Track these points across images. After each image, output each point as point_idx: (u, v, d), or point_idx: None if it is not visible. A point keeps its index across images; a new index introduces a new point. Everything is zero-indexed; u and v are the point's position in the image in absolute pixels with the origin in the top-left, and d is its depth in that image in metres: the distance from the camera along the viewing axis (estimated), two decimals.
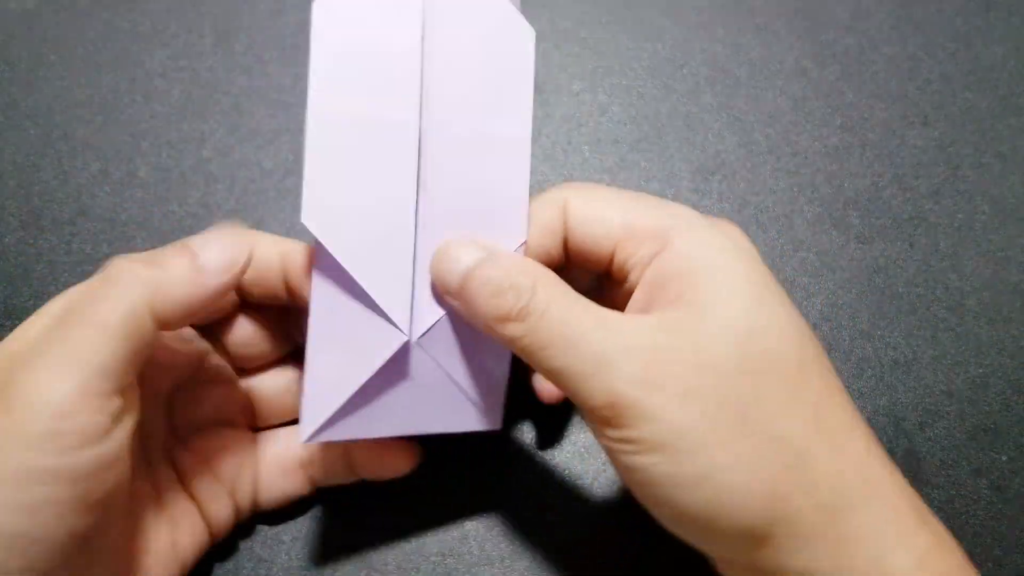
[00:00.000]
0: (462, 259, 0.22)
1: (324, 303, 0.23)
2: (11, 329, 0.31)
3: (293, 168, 0.33)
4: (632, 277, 0.23)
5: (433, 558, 0.28)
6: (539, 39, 0.37)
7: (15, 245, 0.32)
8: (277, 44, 0.36)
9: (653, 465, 0.20)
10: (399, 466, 0.27)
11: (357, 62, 0.22)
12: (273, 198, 0.33)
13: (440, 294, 0.24)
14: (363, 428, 0.24)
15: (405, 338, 0.23)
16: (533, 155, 0.34)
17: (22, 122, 0.34)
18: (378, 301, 0.23)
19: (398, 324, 0.23)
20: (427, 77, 0.23)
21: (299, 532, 0.28)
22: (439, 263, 0.23)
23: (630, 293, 0.23)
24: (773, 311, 0.21)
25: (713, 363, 0.20)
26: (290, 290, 0.25)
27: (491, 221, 0.24)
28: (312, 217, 0.22)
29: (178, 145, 0.34)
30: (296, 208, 0.34)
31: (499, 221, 0.24)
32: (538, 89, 0.35)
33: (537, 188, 0.34)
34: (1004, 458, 0.30)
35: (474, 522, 0.29)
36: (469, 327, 0.24)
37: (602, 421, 0.20)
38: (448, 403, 0.25)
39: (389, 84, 0.23)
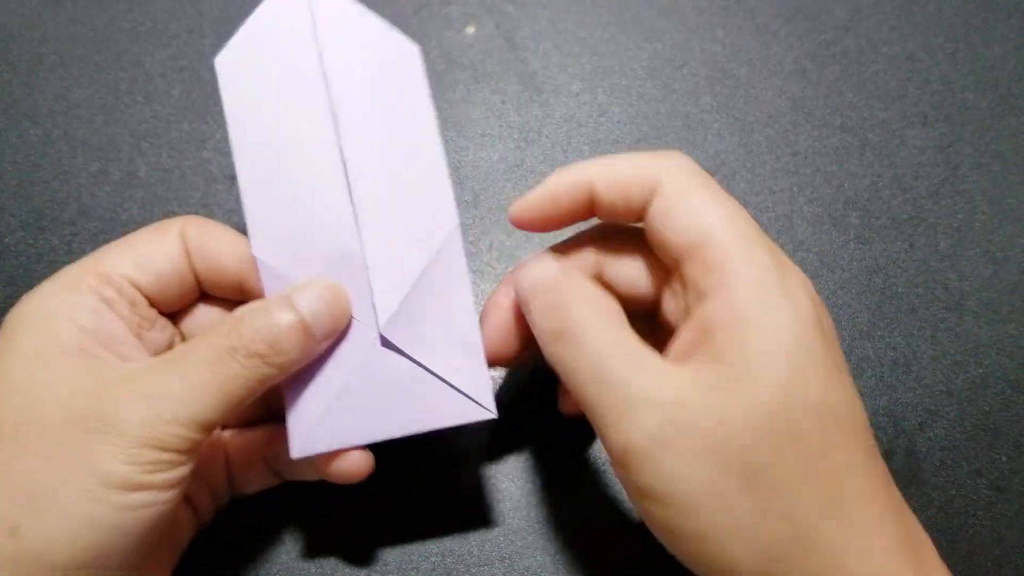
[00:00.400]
0: (532, 272, 0.24)
1: None
2: None
3: None
4: (689, 301, 0.23)
5: (433, 558, 0.28)
6: (539, 39, 0.37)
7: (16, 245, 0.32)
8: None
9: (656, 512, 0.21)
10: (352, 469, 0.25)
11: (267, 101, 0.25)
12: None
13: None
14: (354, 435, 0.24)
15: (373, 332, 0.24)
16: (534, 156, 0.34)
17: (23, 122, 0.34)
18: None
19: (362, 321, 0.24)
20: (333, 97, 0.25)
21: (300, 532, 0.28)
22: (520, 272, 0.24)
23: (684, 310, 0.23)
24: (811, 386, 0.20)
25: (735, 433, 0.20)
26: (245, 291, 0.25)
27: (422, 210, 0.25)
28: (262, 248, 0.24)
29: (178, 145, 0.34)
30: None
31: (428, 209, 0.25)
32: (537, 90, 0.36)
33: None
34: (1003, 458, 0.30)
35: (474, 522, 0.29)
36: (432, 317, 0.25)
37: (616, 461, 0.21)
38: (434, 397, 0.25)
39: (301, 110, 0.25)
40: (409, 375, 0.25)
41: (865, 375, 0.31)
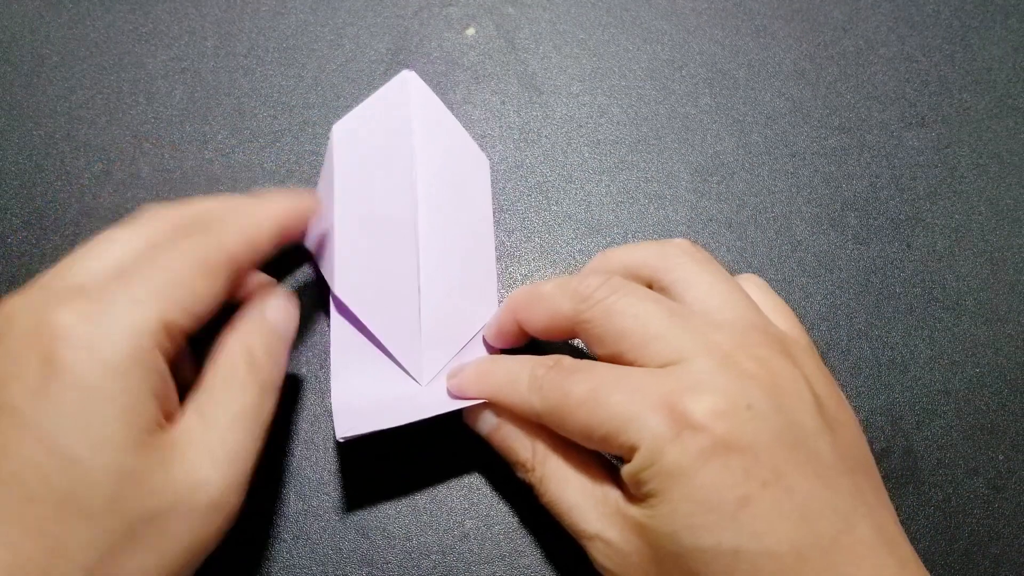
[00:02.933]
0: (486, 422, 0.27)
1: (343, 345, 0.29)
2: None
3: (295, 169, 0.34)
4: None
5: (433, 556, 0.28)
6: (539, 41, 0.37)
7: (18, 245, 0.32)
8: (279, 46, 0.36)
9: None
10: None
11: (367, 170, 0.30)
12: None
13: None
14: (388, 420, 0.27)
15: (417, 385, 0.29)
16: (534, 157, 0.35)
17: (25, 123, 0.34)
18: (394, 354, 0.29)
19: (410, 372, 0.29)
20: (418, 183, 0.30)
21: (300, 531, 0.28)
22: (472, 419, 0.28)
23: None
24: (710, 532, 0.21)
25: (655, 570, 0.22)
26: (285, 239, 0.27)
27: (470, 290, 0.31)
28: (343, 290, 0.28)
29: (180, 146, 0.34)
30: None
31: (475, 290, 0.31)
32: (537, 91, 0.36)
33: (538, 190, 0.34)
34: (1001, 457, 0.31)
35: (474, 522, 0.29)
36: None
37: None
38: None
39: (392, 185, 0.30)
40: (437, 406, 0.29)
41: (863, 375, 0.31)
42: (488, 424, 0.27)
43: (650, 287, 0.26)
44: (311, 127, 0.34)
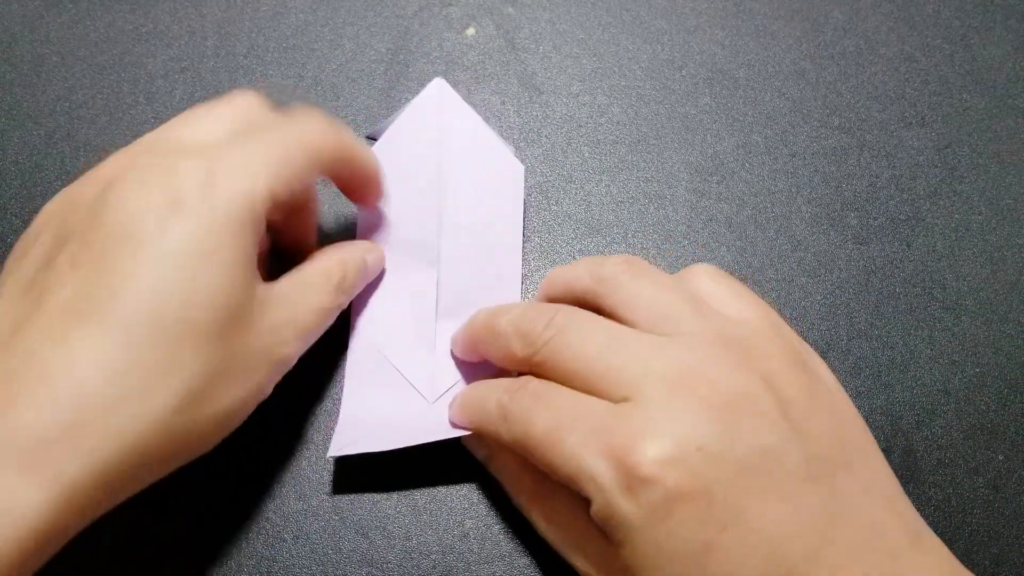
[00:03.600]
0: (479, 450, 0.28)
1: (358, 357, 0.30)
2: None
3: None
4: None
5: (433, 556, 0.28)
6: (539, 41, 0.37)
7: None
8: (279, 46, 0.36)
9: None
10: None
11: (391, 198, 0.30)
12: None
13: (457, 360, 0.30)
14: (384, 442, 0.28)
15: (424, 404, 0.29)
16: (534, 157, 0.35)
17: (25, 123, 0.34)
18: (406, 375, 0.30)
19: (420, 391, 0.29)
20: (443, 206, 0.31)
21: (300, 531, 0.28)
22: (468, 445, 0.29)
23: None
24: None
25: None
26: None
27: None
28: (357, 308, 0.30)
29: None
30: None
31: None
32: (537, 91, 0.36)
33: (538, 190, 0.34)
34: (1001, 457, 0.31)
35: (474, 522, 0.29)
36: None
37: None
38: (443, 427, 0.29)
39: (418, 213, 0.31)
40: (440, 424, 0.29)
41: (863, 375, 0.31)
42: (481, 453, 0.28)
43: (598, 310, 0.26)
44: None
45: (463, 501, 0.29)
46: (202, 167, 0.23)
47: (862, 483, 0.23)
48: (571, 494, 0.24)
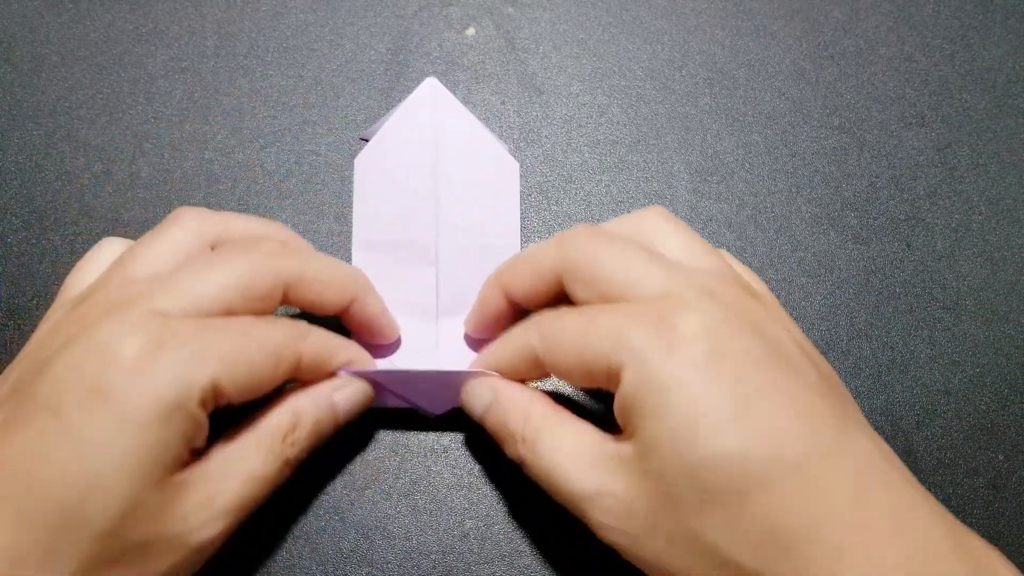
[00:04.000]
0: (481, 397, 0.27)
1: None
2: (13, 329, 0.31)
3: (294, 169, 0.34)
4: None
5: (433, 556, 0.28)
6: (539, 41, 0.37)
7: (18, 245, 0.32)
8: (279, 46, 0.36)
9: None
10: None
11: (387, 202, 0.31)
12: (275, 199, 0.33)
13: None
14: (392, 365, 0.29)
15: (433, 414, 0.29)
16: (534, 157, 0.35)
17: (25, 122, 0.34)
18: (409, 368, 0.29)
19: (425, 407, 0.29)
20: (439, 205, 0.31)
21: (300, 530, 0.28)
22: (467, 397, 0.27)
23: None
24: (714, 438, 0.21)
25: (662, 503, 0.22)
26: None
27: None
28: None
29: (180, 146, 0.34)
30: (297, 209, 0.34)
31: None
32: (537, 91, 0.36)
33: (538, 190, 0.34)
34: (1001, 457, 0.31)
35: (474, 522, 0.29)
36: None
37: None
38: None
39: (412, 213, 0.31)
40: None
41: (863, 375, 0.31)
42: (483, 400, 0.27)
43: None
44: (311, 127, 0.34)
45: (463, 501, 0.29)
46: (144, 350, 0.22)
47: (863, 423, 0.24)
48: (583, 424, 0.24)
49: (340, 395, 0.27)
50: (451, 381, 0.27)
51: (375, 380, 0.27)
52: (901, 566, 0.20)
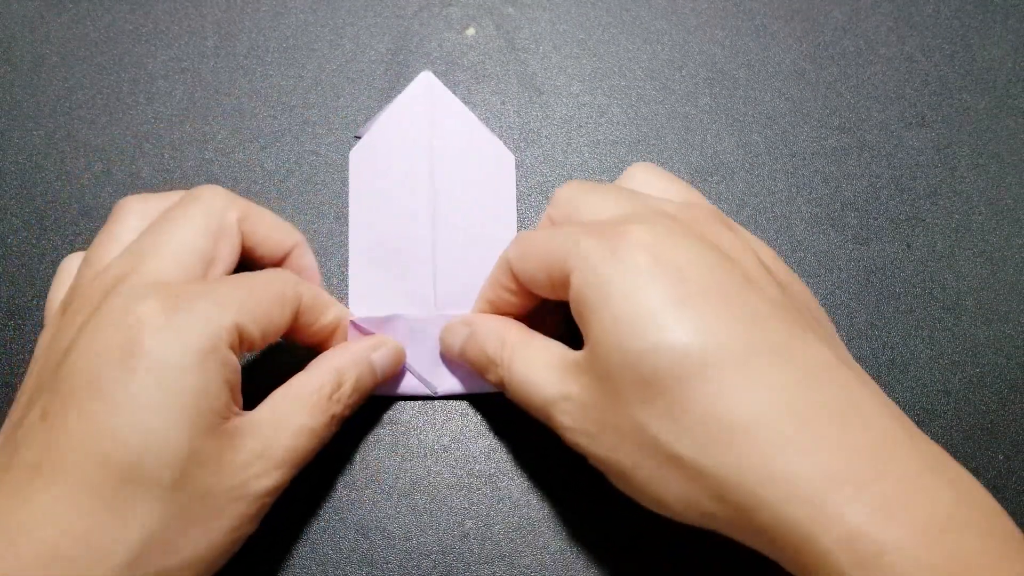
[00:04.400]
0: (458, 334, 0.28)
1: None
2: (13, 329, 0.31)
3: (294, 169, 0.34)
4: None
5: (433, 557, 0.28)
6: (539, 41, 0.37)
7: (18, 245, 0.32)
8: (279, 46, 0.36)
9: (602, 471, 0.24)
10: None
11: (383, 196, 0.31)
12: (275, 199, 0.33)
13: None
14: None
15: (430, 392, 0.30)
16: (534, 157, 0.35)
17: (25, 123, 0.34)
18: (409, 368, 0.30)
19: (425, 383, 0.30)
20: (436, 199, 0.31)
21: (300, 531, 0.28)
22: (446, 336, 0.29)
23: None
24: (652, 330, 0.21)
25: (611, 399, 0.22)
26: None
27: None
28: (357, 310, 0.31)
29: (180, 146, 0.34)
30: (297, 208, 0.34)
31: None
32: (537, 91, 0.36)
33: (538, 190, 0.34)
34: (1001, 457, 0.31)
35: (474, 522, 0.29)
36: None
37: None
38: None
39: (408, 208, 0.31)
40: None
41: None
42: (460, 336, 0.28)
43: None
44: (311, 127, 0.34)
45: (463, 501, 0.29)
46: (166, 305, 0.23)
47: (837, 343, 0.25)
48: (553, 344, 0.25)
49: (377, 355, 0.28)
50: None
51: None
52: (848, 459, 0.20)
